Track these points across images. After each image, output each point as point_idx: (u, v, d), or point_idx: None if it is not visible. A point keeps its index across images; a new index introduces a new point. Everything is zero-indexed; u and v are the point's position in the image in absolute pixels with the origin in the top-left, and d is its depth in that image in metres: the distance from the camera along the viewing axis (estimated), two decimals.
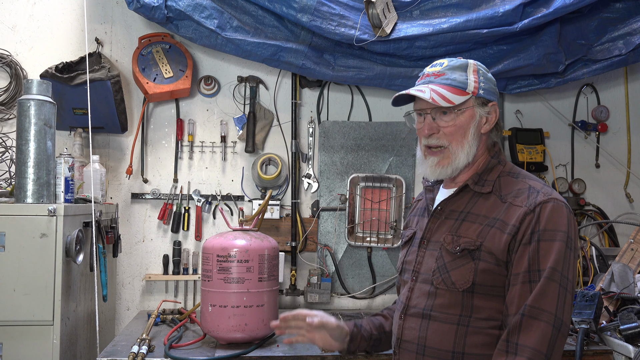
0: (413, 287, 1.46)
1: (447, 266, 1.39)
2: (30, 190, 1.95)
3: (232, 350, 1.93)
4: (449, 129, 1.42)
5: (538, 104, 3.03)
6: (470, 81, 1.42)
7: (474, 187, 1.44)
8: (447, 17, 2.42)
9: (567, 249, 1.31)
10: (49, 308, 1.87)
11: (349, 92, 2.91)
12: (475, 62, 1.47)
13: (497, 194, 1.41)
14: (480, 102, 1.44)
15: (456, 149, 1.43)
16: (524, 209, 1.34)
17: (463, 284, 1.36)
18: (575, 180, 2.99)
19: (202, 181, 2.78)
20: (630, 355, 1.88)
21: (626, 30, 2.59)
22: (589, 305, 1.98)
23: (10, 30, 2.65)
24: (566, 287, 1.29)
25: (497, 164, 1.47)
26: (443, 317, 1.38)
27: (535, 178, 1.44)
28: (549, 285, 1.27)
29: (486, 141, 1.49)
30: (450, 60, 1.47)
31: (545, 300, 1.27)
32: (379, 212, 2.77)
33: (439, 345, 1.37)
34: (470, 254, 1.36)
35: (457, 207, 1.46)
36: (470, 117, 1.43)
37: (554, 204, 1.33)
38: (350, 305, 2.84)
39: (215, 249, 1.98)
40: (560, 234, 1.31)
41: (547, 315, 1.26)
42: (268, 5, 2.40)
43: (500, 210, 1.37)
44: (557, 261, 1.29)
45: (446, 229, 1.44)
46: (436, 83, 1.43)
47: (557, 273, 1.28)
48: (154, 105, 2.76)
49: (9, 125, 2.61)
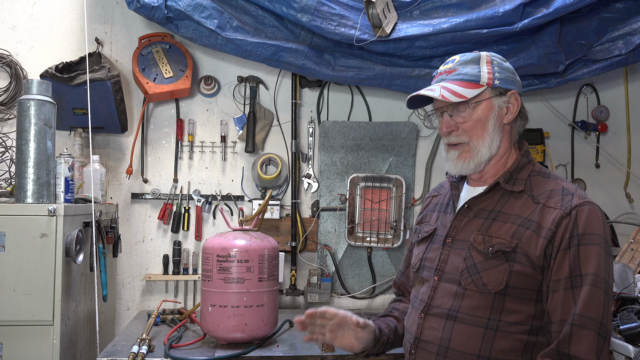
0: (436, 287, 1.42)
1: (478, 267, 1.34)
2: (30, 190, 1.95)
3: (232, 350, 1.93)
4: (467, 124, 1.40)
5: (538, 104, 3.03)
6: (483, 73, 1.40)
7: (505, 186, 1.41)
8: (447, 17, 2.42)
9: (606, 253, 1.29)
10: (49, 308, 1.88)
11: (349, 92, 2.91)
12: (489, 53, 1.44)
13: (528, 193, 1.38)
14: (497, 92, 1.40)
15: (477, 143, 1.40)
16: (560, 212, 1.31)
17: (495, 285, 1.31)
18: (575, 180, 3.00)
19: (202, 181, 2.78)
20: (630, 355, 1.88)
21: (626, 30, 2.58)
22: None
23: (10, 30, 2.65)
24: (609, 293, 1.27)
25: (527, 163, 1.45)
26: (471, 319, 1.33)
27: (565, 179, 1.42)
28: (595, 292, 1.25)
29: (511, 132, 1.45)
30: (462, 56, 1.44)
31: (592, 309, 1.24)
32: (379, 212, 2.77)
33: (464, 348, 1.33)
34: (504, 255, 1.32)
35: (486, 205, 1.42)
36: (488, 109, 1.40)
37: (590, 207, 1.31)
38: (350, 305, 2.83)
39: (215, 249, 1.98)
40: (598, 237, 1.29)
41: (595, 324, 1.24)
42: (268, 5, 2.40)
43: (534, 212, 1.34)
44: (599, 267, 1.27)
45: (475, 227, 1.40)
46: (448, 80, 1.41)
47: (601, 279, 1.26)
48: (154, 105, 2.76)
49: (9, 125, 2.61)
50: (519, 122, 1.46)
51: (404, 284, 1.73)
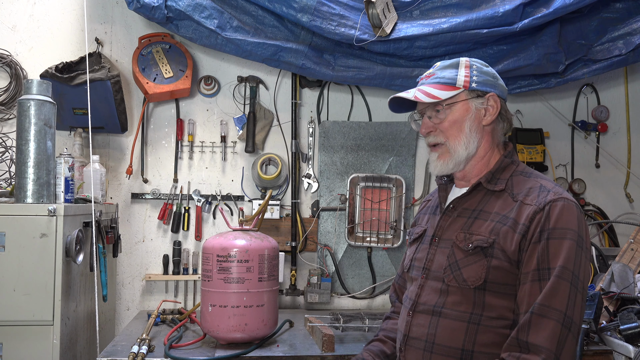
0: (423, 285, 1.46)
1: (459, 263, 1.39)
2: (30, 190, 1.95)
3: (232, 350, 1.93)
4: (444, 125, 1.46)
5: (538, 104, 3.03)
6: (460, 76, 1.45)
7: (487, 186, 1.45)
8: (447, 17, 2.42)
9: (578, 247, 1.30)
10: (49, 308, 1.87)
11: (349, 92, 2.91)
12: (469, 58, 1.50)
13: (509, 192, 1.42)
14: (475, 94, 1.45)
15: (453, 143, 1.45)
16: (534, 207, 1.34)
17: (475, 281, 1.35)
18: (575, 180, 3.00)
19: (202, 181, 2.78)
20: (630, 355, 1.88)
21: (626, 30, 2.59)
22: (589, 305, 1.98)
23: (10, 30, 2.65)
24: (577, 286, 1.28)
25: (511, 164, 1.48)
26: (454, 314, 1.37)
27: (547, 178, 1.44)
28: (560, 283, 1.27)
29: (493, 134, 1.49)
30: (443, 62, 1.51)
31: (555, 299, 1.26)
32: (379, 212, 2.77)
33: (449, 343, 1.37)
34: (482, 251, 1.36)
35: (469, 205, 1.47)
36: (464, 110, 1.45)
37: (565, 203, 1.33)
38: (350, 305, 2.84)
39: (215, 249, 1.98)
40: (571, 232, 1.30)
41: (557, 314, 1.25)
42: (268, 5, 2.40)
43: (512, 209, 1.38)
44: (568, 259, 1.28)
45: (458, 226, 1.44)
46: (427, 84, 1.47)
47: (568, 272, 1.28)
48: (154, 105, 2.76)
49: (9, 125, 2.61)
50: (501, 124, 1.50)
51: (401, 287, 1.75)
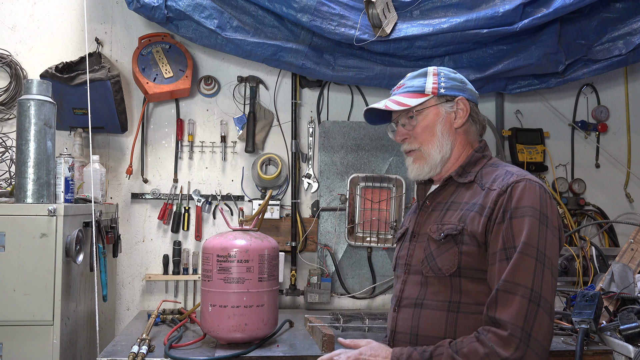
0: (406, 280, 1.52)
1: (434, 253, 1.44)
2: (30, 190, 1.95)
3: (232, 350, 1.93)
4: (416, 130, 1.52)
5: (538, 104, 3.03)
6: (428, 84, 1.52)
7: (458, 179, 1.51)
8: (447, 17, 2.42)
9: (541, 224, 1.32)
10: (49, 308, 1.87)
11: (349, 92, 2.91)
12: (437, 67, 1.58)
13: (478, 183, 1.47)
14: (444, 99, 1.52)
15: (427, 147, 1.52)
16: (498, 190, 1.38)
17: (449, 268, 1.39)
18: (575, 180, 3.00)
19: (202, 181, 2.78)
20: (630, 355, 1.88)
21: (626, 30, 2.59)
22: (589, 305, 1.98)
23: (10, 30, 2.65)
24: (543, 262, 1.30)
25: (481, 157, 1.54)
26: (434, 304, 1.41)
27: (516, 167, 1.49)
28: (523, 259, 1.29)
29: (465, 136, 1.55)
30: (413, 72, 1.59)
31: (519, 275, 1.29)
32: (379, 212, 2.77)
33: (431, 332, 1.40)
34: (453, 238, 1.40)
35: (442, 198, 1.53)
36: (435, 115, 1.52)
37: (526, 183, 1.37)
38: (350, 305, 2.84)
39: (215, 249, 1.98)
40: (532, 210, 1.33)
41: (522, 289, 1.27)
42: (268, 5, 2.40)
43: (480, 196, 1.42)
44: (530, 236, 1.31)
45: (433, 220, 1.50)
46: (397, 94, 1.56)
47: (531, 248, 1.30)
48: (154, 105, 2.76)
49: (9, 125, 2.61)
50: (474, 126, 1.56)
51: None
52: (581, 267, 2.62)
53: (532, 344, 1.25)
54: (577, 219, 2.96)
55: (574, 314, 1.99)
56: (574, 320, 1.98)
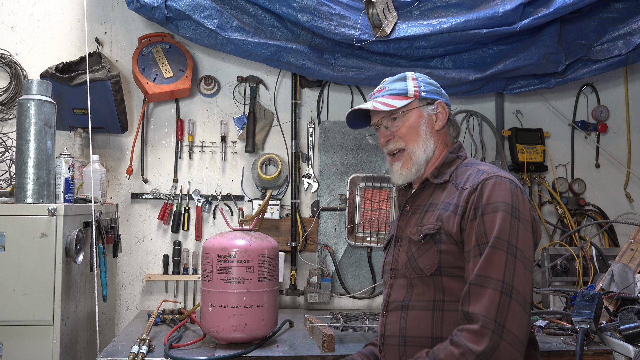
0: (392, 284, 1.54)
1: (415, 255, 1.46)
2: (30, 190, 1.95)
3: (232, 350, 1.93)
4: (402, 130, 1.55)
5: (538, 104, 3.04)
6: (409, 87, 1.56)
7: (433, 180, 1.54)
8: (447, 17, 2.42)
9: (513, 218, 1.34)
10: (49, 308, 1.87)
11: (349, 92, 2.91)
12: (413, 72, 1.62)
13: (453, 182, 1.50)
14: (425, 102, 1.56)
15: (413, 147, 1.54)
16: (470, 189, 1.41)
17: (430, 268, 1.42)
18: (575, 180, 3.00)
19: (202, 181, 2.78)
20: (630, 355, 1.88)
21: (626, 30, 2.59)
22: (589, 305, 1.98)
23: (10, 30, 2.65)
24: (515, 254, 1.31)
25: (456, 158, 1.57)
26: (419, 304, 1.43)
27: (488, 165, 1.51)
28: (494, 253, 1.31)
29: (445, 138, 1.59)
30: (391, 77, 1.63)
31: (490, 268, 1.30)
32: (379, 212, 2.77)
33: (418, 333, 1.42)
34: (432, 238, 1.43)
35: (421, 201, 1.56)
36: (418, 116, 1.55)
37: (496, 180, 1.39)
38: (350, 305, 2.84)
39: (215, 249, 1.98)
40: (503, 204, 1.35)
41: (493, 282, 1.29)
42: (268, 5, 2.40)
43: (454, 196, 1.45)
44: (501, 230, 1.32)
45: (413, 222, 1.53)
46: (379, 97, 1.58)
47: (502, 241, 1.31)
48: (154, 105, 2.76)
49: (9, 125, 2.61)
50: (451, 129, 1.61)
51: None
52: (581, 267, 2.62)
53: (506, 335, 1.25)
54: (577, 219, 2.96)
55: (574, 314, 1.99)
56: (574, 320, 1.98)
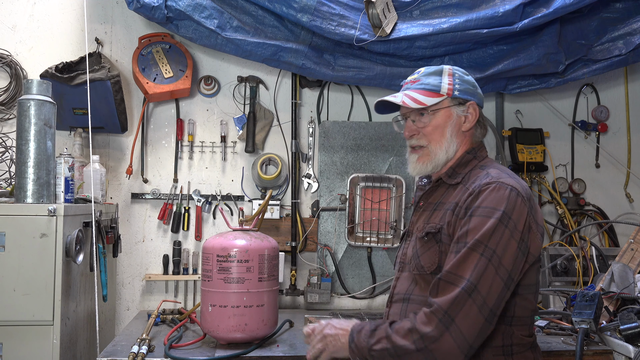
0: (399, 277, 1.56)
1: (419, 252, 1.47)
2: (30, 190, 1.95)
3: (232, 350, 1.93)
4: (427, 129, 1.53)
5: (538, 104, 3.03)
6: (444, 84, 1.53)
7: (447, 180, 1.53)
8: (447, 17, 2.42)
9: (501, 224, 1.32)
10: (49, 308, 1.87)
11: (349, 92, 2.91)
12: (452, 67, 1.57)
13: (464, 184, 1.49)
14: (456, 102, 1.53)
15: (435, 147, 1.53)
16: (470, 191, 1.41)
17: (430, 266, 1.43)
18: (575, 180, 2.99)
19: (202, 181, 2.78)
20: (630, 355, 1.88)
21: (626, 30, 2.59)
22: (589, 305, 1.98)
23: (10, 30, 2.65)
24: (490, 259, 1.30)
25: (473, 159, 1.55)
26: (418, 299, 1.45)
27: (500, 168, 1.49)
28: (470, 254, 1.31)
29: (471, 139, 1.57)
30: (428, 68, 1.58)
31: (461, 267, 1.30)
32: (379, 212, 2.77)
33: None
34: (434, 237, 1.44)
35: (433, 199, 1.56)
36: (446, 116, 1.52)
37: (496, 185, 1.38)
38: (350, 305, 2.83)
39: (215, 249, 1.98)
40: (495, 211, 1.33)
41: (460, 280, 1.29)
42: (268, 5, 2.40)
43: (459, 196, 1.45)
44: (485, 235, 1.31)
45: (423, 219, 1.53)
46: (412, 89, 1.55)
47: (482, 245, 1.31)
48: (154, 105, 2.76)
49: (9, 125, 2.61)
50: (479, 130, 1.58)
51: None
52: (581, 267, 2.62)
53: (453, 329, 1.26)
54: (577, 219, 2.96)
55: (574, 314, 1.99)
56: (574, 320, 1.98)
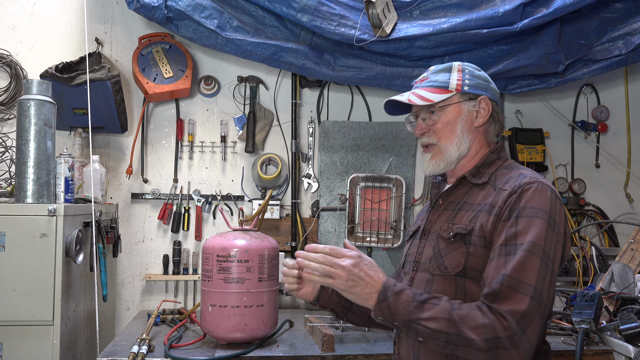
0: (413, 277, 1.50)
1: (442, 252, 1.42)
2: (30, 190, 1.95)
3: (232, 350, 1.93)
4: (437, 126, 1.50)
5: (538, 104, 3.03)
6: (452, 80, 1.50)
7: (471, 179, 1.49)
8: (447, 17, 2.42)
9: (549, 228, 1.29)
10: (49, 308, 1.87)
11: (349, 92, 2.91)
12: (462, 63, 1.54)
13: (491, 184, 1.45)
14: (467, 97, 1.49)
15: (445, 144, 1.50)
16: (509, 191, 1.37)
17: (455, 267, 1.38)
18: (575, 180, 3.00)
19: (202, 181, 2.78)
20: (630, 355, 1.88)
21: (626, 30, 2.58)
22: (589, 305, 1.98)
23: (10, 30, 2.65)
24: (547, 264, 1.26)
25: (497, 159, 1.52)
26: None
27: (531, 170, 1.46)
28: (530, 258, 1.25)
29: (485, 135, 1.53)
30: (437, 66, 1.56)
31: (524, 273, 1.24)
32: (379, 212, 2.77)
33: None
34: (462, 238, 1.39)
35: (454, 198, 1.51)
36: (456, 112, 1.49)
37: (538, 186, 1.35)
38: None
39: (215, 249, 1.98)
40: (542, 212, 1.31)
41: (527, 288, 1.23)
42: (268, 5, 2.40)
43: (491, 196, 1.41)
44: (539, 237, 1.27)
45: (444, 218, 1.48)
46: (420, 87, 1.53)
47: (539, 247, 1.26)
48: (154, 105, 2.76)
49: (9, 125, 2.61)
50: (493, 126, 1.54)
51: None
52: (581, 267, 2.62)
53: (524, 340, 1.21)
54: (577, 219, 2.96)
55: (574, 314, 1.99)
56: (574, 320, 1.98)
